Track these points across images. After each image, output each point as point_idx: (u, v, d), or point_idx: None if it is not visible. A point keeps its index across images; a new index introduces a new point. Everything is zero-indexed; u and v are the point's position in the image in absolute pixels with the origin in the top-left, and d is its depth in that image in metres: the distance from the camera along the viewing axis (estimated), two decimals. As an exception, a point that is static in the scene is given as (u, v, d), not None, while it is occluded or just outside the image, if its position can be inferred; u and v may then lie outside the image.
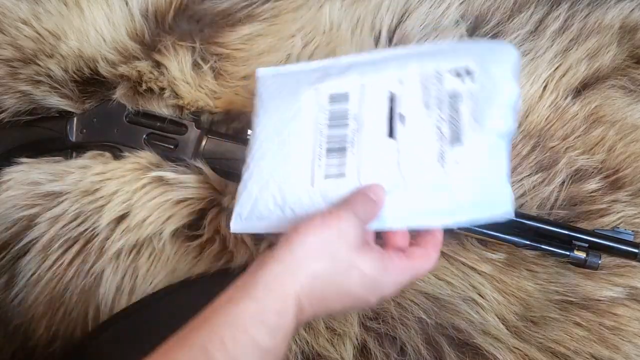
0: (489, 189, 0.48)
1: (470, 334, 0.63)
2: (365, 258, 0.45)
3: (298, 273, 0.43)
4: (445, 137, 0.49)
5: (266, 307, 0.41)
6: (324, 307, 0.44)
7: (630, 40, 0.78)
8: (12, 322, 0.67)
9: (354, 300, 0.45)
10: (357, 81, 0.54)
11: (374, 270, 0.45)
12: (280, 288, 0.42)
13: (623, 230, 0.65)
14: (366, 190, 0.49)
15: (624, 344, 0.63)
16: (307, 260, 0.43)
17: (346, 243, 0.44)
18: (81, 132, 0.72)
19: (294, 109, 0.55)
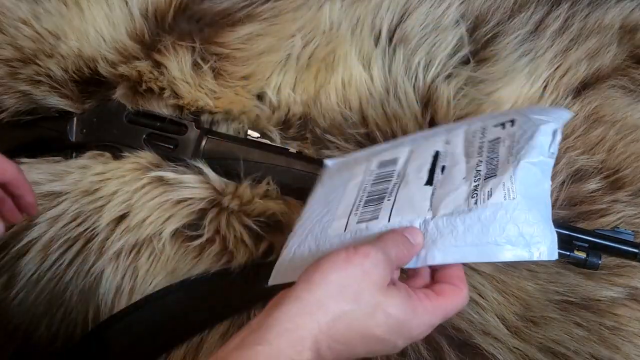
0: (526, 226, 0.44)
1: (470, 334, 0.63)
2: (392, 299, 0.41)
3: (317, 314, 0.39)
4: (481, 175, 0.47)
5: (280, 352, 0.38)
6: (346, 352, 0.41)
7: (630, 40, 0.78)
8: (12, 322, 0.67)
9: (380, 344, 0.42)
10: (407, 148, 0.56)
11: (402, 312, 0.41)
12: (296, 330, 0.39)
13: (623, 230, 0.64)
14: (402, 231, 0.46)
15: (624, 344, 0.63)
16: (328, 300, 0.40)
17: (372, 282, 0.41)
18: (81, 132, 0.72)
19: (345, 178, 0.57)
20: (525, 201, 0.44)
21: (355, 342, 0.41)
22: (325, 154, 0.71)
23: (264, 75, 0.73)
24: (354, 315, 0.40)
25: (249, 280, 0.64)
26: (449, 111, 0.71)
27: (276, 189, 0.68)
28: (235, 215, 0.67)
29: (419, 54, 0.74)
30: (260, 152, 0.69)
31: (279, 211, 0.67)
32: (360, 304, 0.40)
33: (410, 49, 0.74)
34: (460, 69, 0.74)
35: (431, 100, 0.72)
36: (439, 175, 0.50)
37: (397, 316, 0.41)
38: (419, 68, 0.73)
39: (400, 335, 0.42)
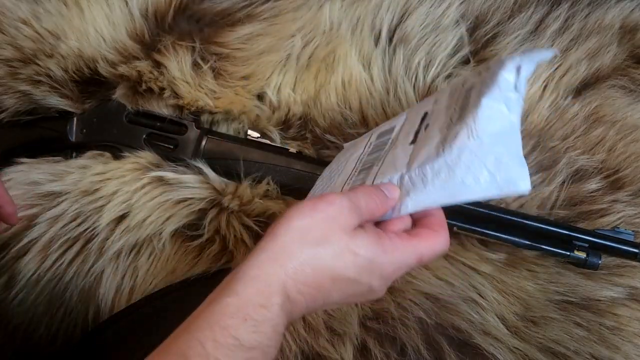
0: (493, 163, 0.43)
1: (470, 334, 0.63)
2: (359, 240, 0.41)
3: (282, 259, 0.40)
4: (453, 122, 0.47)
5: (248, 301, 0.38)
6: (320, 297, 0.41)
7: (630, 40, 0.78)
8: (12, 322, 0.67)
9: (354, 286, 0.42)
10: (404, 117, 0.56)
11: (370, 251, 0.41)
12: (263, 278, 0.39)
13: (623, 230, 0.64)
14: (379, 186, 0.46)
15: (624, 344, 0.63)
16: (292, 245, 0.40)
17: (337, 226, 0.41)
18: (81, 132, 0.72)
19: (349, 153, 0.58)
20: (490, 138, 0.43)
21: (326, 285, 0.41)
22: (325, 154, 0.71)
23: (264, 75, 0.73)
24: (320, 258, 0.40)
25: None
26: (449, 111, 0.71)
27: (276, 189, 0.68)
28: (235, 215, 0.67)
29: (419, 54, 0.74)
30: (260, 152, 0.69)
31: (279, 211, 0.67)
32: (326, 246, 0.41)
33: (410, 49, 0.74)
34: (461, 69, 0.74)
35: (431, 100, 0.72)
36: (422, 133, 0.50)
37: (365, 255, 0.41)
38: (419, 68, 0.73)
39: (373, 275, 0.42)
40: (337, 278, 0.41)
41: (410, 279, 0.65)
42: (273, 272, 0.39)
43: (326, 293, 0.41)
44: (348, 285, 0.41)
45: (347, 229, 0.41)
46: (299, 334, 0.64)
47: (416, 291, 0.64)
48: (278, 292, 0.39)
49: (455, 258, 0.66)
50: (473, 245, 0.66)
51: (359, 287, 0.42)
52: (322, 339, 0.64)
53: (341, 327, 0.64)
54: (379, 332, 0.64)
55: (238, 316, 0.38)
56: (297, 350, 0.64)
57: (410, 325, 0.63)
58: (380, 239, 0.42)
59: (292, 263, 0.40)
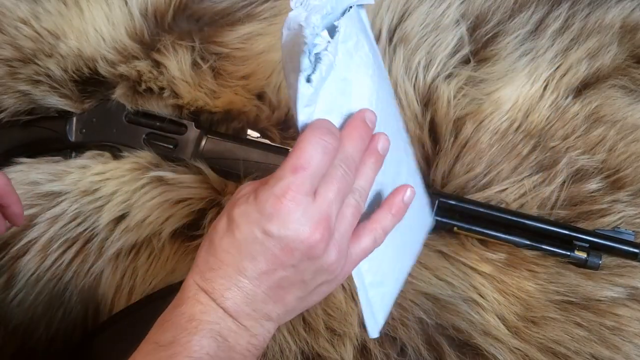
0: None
1: (471, 334, 0.63)
2: (236, 205, 0.39)
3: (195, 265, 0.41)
4: None
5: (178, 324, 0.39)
6: (233, 270, 0.39)
7: (630, 40, 0.78)
8: (11, 322, 0.66)
9: (256, 251, 0.39)
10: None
11: (238, 198, 0.39)
12: (182, 290, 0.41)
13: (624, 230, 0.64)
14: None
15: (624, 344, 0.63)
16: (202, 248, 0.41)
17: (230, 205, 0.40)
18: (80, 132, 0.72)
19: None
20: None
21: (228, 257, 0.39)
22: (325, 153, 0.71)
23: (263, 74, 0.73)
24: (210, 236, 0.41)
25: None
26: (449, 111, 0.71)
27: (276, 189, 0.68)
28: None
29: (419, 54, 0.74)
30: (260, 152, 0.69)
31: (278, 211, 0.67)
32: (216, 224, 0.40)
33: (411, 49, 0.74)
34: (461, 68, 0.74)
35: (431, 100, 0.72)
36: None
37: (240, 212, 0.39)
38: (419, 68, 0.73)
39: (258, 222, 0.38)
40: (226, 247, 0.39)
41: (410, 279, 0.65)
42: (188, 279, 0.41)
43: (231, 268, 0.39)
44: (242, 247, 0.39)
45: (233, 202, 0.40)
46: (299, 334, 0.64)
47: (416, 291, 0.64)
48: (189, 288, 0.40)
49: (455, 258, 0.66)
50: (473, 245, 0.66)
51: (257, 243, 0.39)
52: (322, 339, 0.63)
53: (341, 328, 0.64)
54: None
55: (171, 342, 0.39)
56: (297, 351, 0.63)
57: (410, 325, 0.63)
58: (254, 189, 0.40)
59: (196, 259, 0.41)
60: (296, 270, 0.40)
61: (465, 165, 0.69)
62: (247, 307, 0.40)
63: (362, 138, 0.41)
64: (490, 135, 0.70)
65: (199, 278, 0.40)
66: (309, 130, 0.39)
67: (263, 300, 0.41)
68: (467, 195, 0.68)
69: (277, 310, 0.42)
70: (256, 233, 0.38)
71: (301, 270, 0.40)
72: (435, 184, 0.69)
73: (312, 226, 0.38)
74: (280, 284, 0.40)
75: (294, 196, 0.38)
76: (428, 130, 0.71)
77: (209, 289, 0.40)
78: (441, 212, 0.65)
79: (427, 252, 0.66)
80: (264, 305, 0.41)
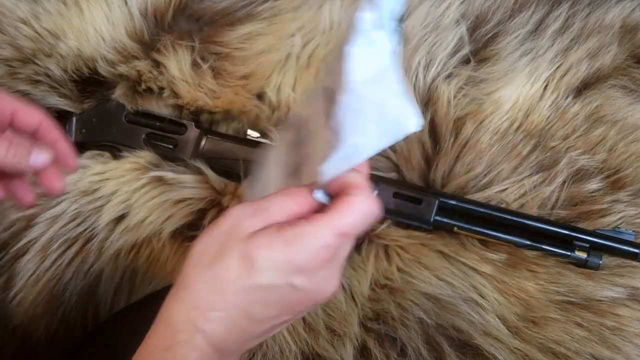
0: (380, 111, 0.39)
1: (471, 334, 0.63)
2: (254, 242, 0.36)
3: (182, 292, 0.37)
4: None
5: (154, 347, 0.37)
6: (234, 316, 0.37)
7: (631, 39, 0.78)
8: (11, 323, 0.66)
9: (269, 292, 0.36)
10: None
11: (269, 249, 0.36)
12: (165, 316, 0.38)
13: (624, 230, 0.64)
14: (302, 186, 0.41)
15: (624, 344, 0.63)
16: (190, 274, 0.37)
17: (233, 237, 0.37)
18: (80, 131, 0.72)
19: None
20: (366, 87, 0.39)
21: (234, 301, 0.36)
22: (325, 153, 0.71)
23: (263, 74, 0.73)
24: (216, 276, 0.36)
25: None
26: (449, 111, 0.71)
27: (276, 189, 0.68)
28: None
29: (419, 54, 0.74)
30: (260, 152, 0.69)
31: (278, 211, 0.67)
32: (220, 261, 0.36)
33: (411, 49, 0.74)
34: (461, 68, 0.74)
35: (431, 99, 0.72)
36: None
37: (264, 256, 0.36)
38: (419, 68, 0.73)
39: (285, 273, 0.36)
40: (240, 290, 0.36)
41: (410, 279, 0.65)
42: (173, 307, 0.37)
43: (240, 311, 0.37)
44: (260, 293, 0.36)
45: (243, 236, 0.37)
46: (299, 334, 0.64)
47: (416, 291, 0.64)
48: (182, 329, 0.36)
49: (455, 258, 0.66)
50: (473, 245, 0.66)
51: (278, 292, 0.37)
52: (322, 340, 0.63)
53: (341, 328, 0.64)
54: (379, 333, 0.64)
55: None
56: (297, 351, 0.63)
57: (410, 325, 0.63)
58: (280, 231, 0.36)
59: (191, 292, 0.37)
60: (294, 316, 0.39)
61: (465, 165, 0.69)
62: (239, 346, 0.38)
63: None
64: (490, 135, 0.70)
65: (198, 316, 0.36)
66: (364, 198, 0.37)
67: (252, 340, 0.39)
68: (467, 195, 0.68)
69: (256, 342, 0.40)
70: (280, 281, 0.36)
71: (296, 315, 0.39)
72: (435, 184, 0.69)
73: (336, 281, 0.38)
74: (278, 326, 0.39)
75: (334, 262, 0.37)
76: (428, 130, 0.71)
77: (209, 331, 0.36)
78: (441, 212, 0.65)
79: (427, 252, 0.66)
80: (251, 343, 0.39)
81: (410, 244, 0.66)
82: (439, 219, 0.65)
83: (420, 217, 0.65)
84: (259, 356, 0.63)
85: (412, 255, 0.66)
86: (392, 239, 0.66)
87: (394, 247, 0.66)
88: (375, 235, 0.67)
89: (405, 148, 0.70)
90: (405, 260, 0.66)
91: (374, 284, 0.66)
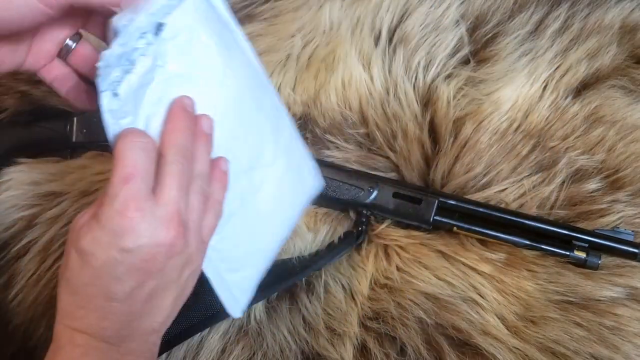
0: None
1: (470, 334, 0.63)
2: (80, 236, 0.39)
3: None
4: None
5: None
6: (81, 297, 0.39)
7: (630, 40, 0.78)
8: (12, 323, 0.67)
9: (120, 271, 0.38)
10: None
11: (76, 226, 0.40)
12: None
13: (623, 230, 0.65)
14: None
15: (623, 343, 0.63)
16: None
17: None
18: (81, 132, 0.72)
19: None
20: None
21: (92, 290, 0.39)
22: (325, 153, 0.71)
23: (263, 75, 0.73)
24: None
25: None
26: (448, 111, 0.71)
27: (276, 189, 0.68)
28: (235, 215, 0.67)
29: (419, 54, 0.74)
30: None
31: (278, 211, 0.67)
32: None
33: (410, 49, 0.74)
34: (460, 69, 0.74)
35: (431, 100, 0.72)
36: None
37: (89, 240, 0.38)
38: (419, 68, 0.73)
39: (111, 243, 0.38)
40: (88, 280, 0.39)
41: (410, 278, 0.65)
42: (56, 327, 0.41)
43: (99, 298, 0.39)
44: (103, 274, 0.38)
45: (74, 237, 0.40)
46: (299, 333, 0.64)
47: (416, 291, 0.64)
48: (61, 337, 0.40)
49: (455, 258, 0.66)
50: (473, 245, 0.66)
51: (116, 263, 0.38)
52: (322, 339, 0.64)
53: (341, 327, 0.64)
54: (379, 332, 0.64)
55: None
56: (297, 350, 0.64)
57: (410, 325, 0.63)
58: (95, 212, 0.40)
59: (59, 305, 0.41)
60: (164, 274, 0.40)
61: (464, 166, 0.69)
62: (126, 330, 0.40)
63: (187, 126, 0.42)
64: (489, 136, 0.70)
65: (69, 321, 0.39)
66: (121, 139, 0.40)
67: (141, 317, 0.40)
68: (466, 195, 0.68)
69: (157, 319, 0.41)
70: (114, 254, 0.38)
71: (168, 272, 0.40)
72: (434, 184, 0.69)
73: (165, 226, 0.39)
74: (154, 294, 0.40)
75: (136, 205, 0.38)
76: (428, 130, 0.71)
77: (84, 327, 0.39)
78: (441, 212, 0.65)
79: (427, 252, 0.66)
80: (143, 321, 0.40)
81: (409, 243, 0.66)
82: (438, 219, 0.65)
83: (419, 217, 0.66)
84: (259, 355, 0.63)
85: (411, 254, 0.66)
86: (392, 238, 0.67)
87: (393, 246, 0.67)
88: (375, 235, 0.67)
89: (405, 148, 0.70)
90: (404, 259, 0.66)
91: (374, 283, 0.66)
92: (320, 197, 0.67)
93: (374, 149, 0.71)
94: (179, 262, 0.41)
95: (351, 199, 0.66)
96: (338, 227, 0.69)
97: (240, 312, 0.49)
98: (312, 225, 0.69)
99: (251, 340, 0.64)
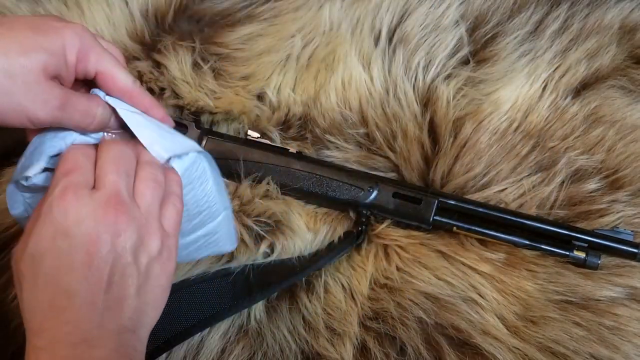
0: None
1: (470, 333, 0.63)
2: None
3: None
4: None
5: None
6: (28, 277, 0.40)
7: (629, 40, 0.78)
8: (12, 322, 0.67)
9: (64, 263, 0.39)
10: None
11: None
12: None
13: (623, 230, 0.65)
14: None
15: (623, 343, 0.63)
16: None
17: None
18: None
19: None
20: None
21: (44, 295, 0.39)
22: (325, 154, 0.71)
23: (264, 75, 0.74)
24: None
25: (249, 280, 0.65)
26: (448, 111, 0.71)
27: (276, 189, 0.68)
28: (235, 215, 0.67)
29: (419, 54, 0.74)
30: (260, 152, 0.69)
31: (279, 211, 0.67)
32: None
33: (410, 49, 0.74)
34: (460, 69, 0.74)
35: (431, 100, 0.72)
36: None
37: (20, 248, 0.41)
38: (418, 68, 0.73)
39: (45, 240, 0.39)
40: (36, 289, 0.39)
41: (410, 278, 0.65)
42: (27, 350, 0.40)
43: (55, 301, 0.39)
44: (48, 272, 0.39)
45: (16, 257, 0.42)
46: (299, 333, 0.64)
47: (416, 291, 0.65)
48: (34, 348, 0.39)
49: (454, 258, 0.66)
50: (472, 245, 0.66)
51: (55, 258, 0.39)
52: (322, 339, 0.64)
53: (341, 327, 0.64)
54: (379, 332, 0.64)
55: None
56: (297, 350, 0.64)
57: (410, 325, 0.63)
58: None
59: (26, 326, 0.41)
60: (116, 255, 0.40)
61: (464, 166, 0.69)
62: (97, 329, 0.38)
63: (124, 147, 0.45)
64: (489, 136, 0.70)
65: (36, 338, 0.38)
66: (66, 150, 0.45)
67: (106, 311, 0.39)
68: (466, 195, 0.68)
69: (125, 314, 0.40)
70: (58, 243, 0.38)
71: (120, 252, 0.40)
72: (434, 184, 0.70)
73: (103, 206, 0.40)
74: (111, 280, 0.39)
75: (75, 191, 0.40)
76: (427, 130, 0.71)
77: (47, 342, 0.38)
78: (441, 212, 0.65)
79: (427, 252, 0.66)
80: (110, 316, 0.39)
81: (409, 243, 0.66)
82: (438, 219, 0.65)
83: (419, 217, 0.66)
84: (259, 355, 0.64)
85: (411, 254, 0.66)
86: (392, 238, 0.67)
87: (393, 246, 0.67)
88: (375, 235, 0.67)
89: (404, 148, 0.70)
90: (404, 259, 0.66)
91: (374, 283, 0.66)
92: (320, 197, 0.67)
93: (373, 149, 0.71)
94: (129, 242, 0.40)
95: (351, 199, 0.67)
96: (338, 227, 0.69)
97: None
98: (312, 225, 0.69)
99: (251, 340, 0.64)
